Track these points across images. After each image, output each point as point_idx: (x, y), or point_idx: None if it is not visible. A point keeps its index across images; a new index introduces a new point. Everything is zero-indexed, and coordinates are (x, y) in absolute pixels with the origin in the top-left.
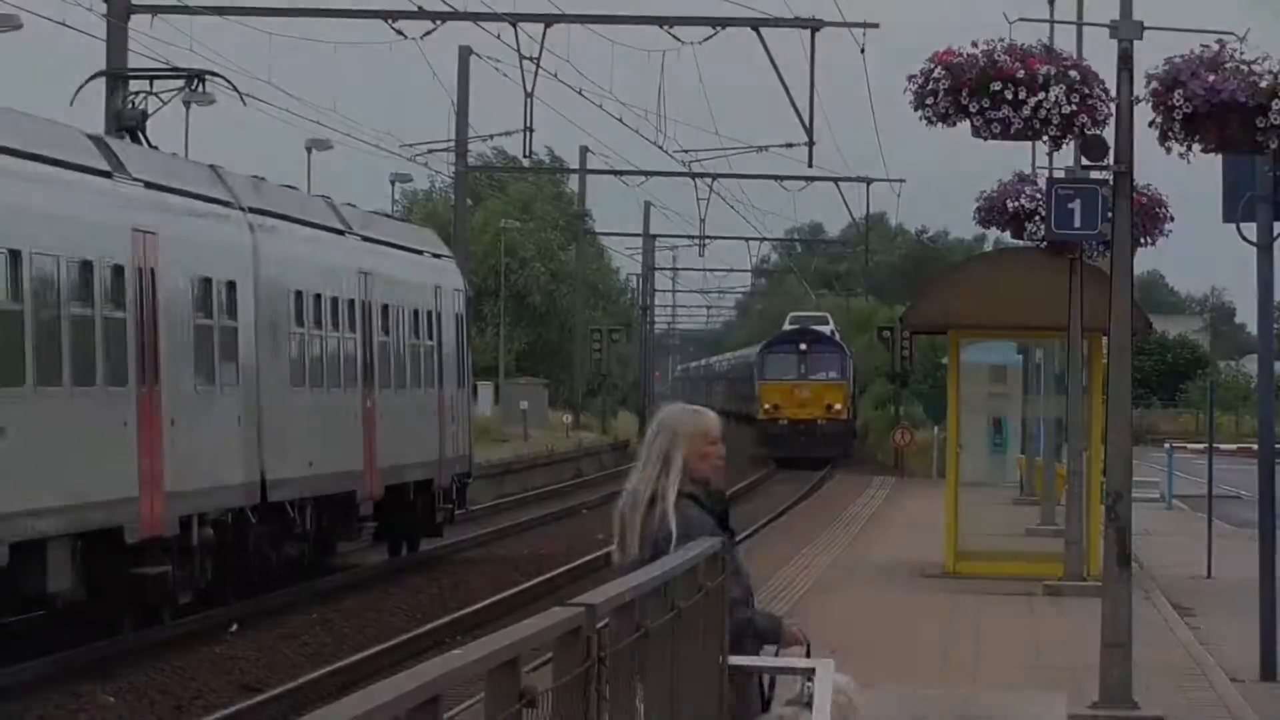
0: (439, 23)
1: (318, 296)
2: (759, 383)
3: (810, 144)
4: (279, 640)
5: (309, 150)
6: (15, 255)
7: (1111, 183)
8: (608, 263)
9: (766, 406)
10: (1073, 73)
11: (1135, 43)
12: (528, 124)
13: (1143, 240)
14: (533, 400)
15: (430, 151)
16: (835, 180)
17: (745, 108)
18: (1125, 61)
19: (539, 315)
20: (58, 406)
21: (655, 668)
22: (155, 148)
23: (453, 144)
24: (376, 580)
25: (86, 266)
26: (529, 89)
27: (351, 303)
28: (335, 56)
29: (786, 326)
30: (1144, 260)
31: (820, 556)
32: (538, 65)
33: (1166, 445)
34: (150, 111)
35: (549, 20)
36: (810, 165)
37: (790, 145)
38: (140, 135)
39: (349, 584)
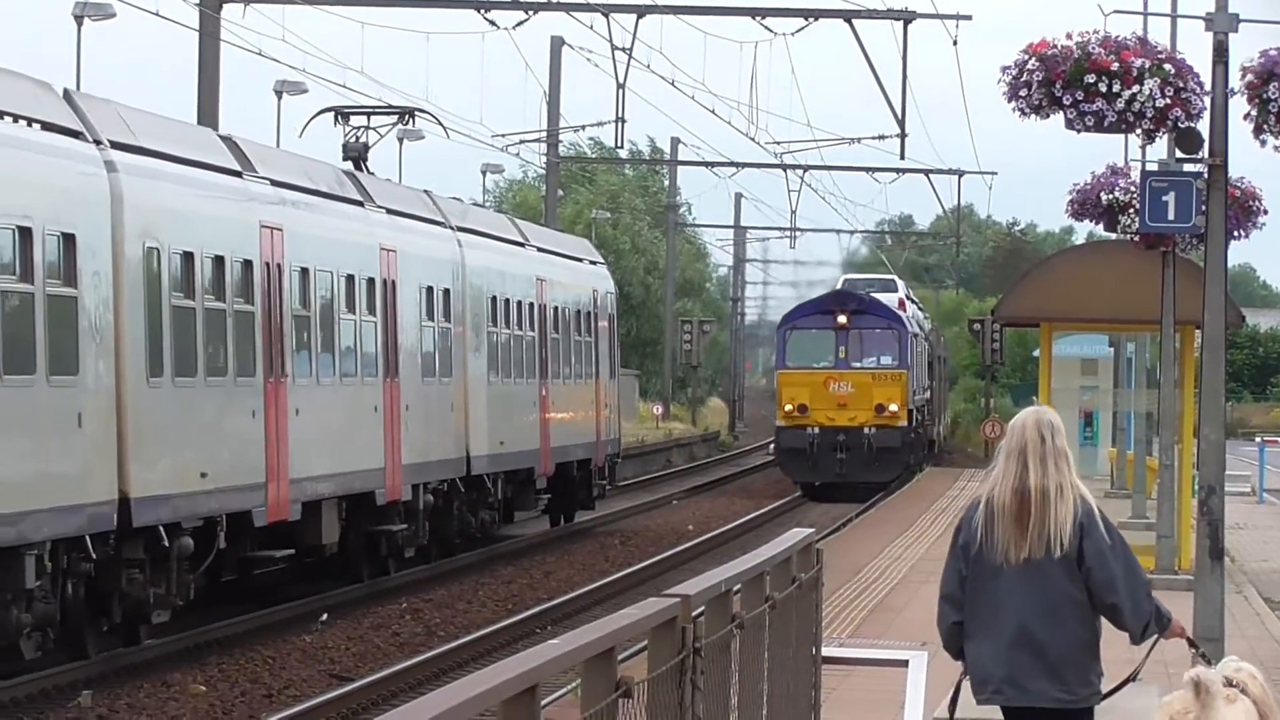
0: (531, 13)
1: (507, 301)
2: (777, 372)
3: (902, 136)
4: (369, 630)
5: (400, 140)
6: (306, 272)
7: (1206, 176)
8: (701, 249)
9: (787, 408)
10: (1167, 65)
11: (1230, 35)
12: (619, 115)
13: (1236, 233)
14: (623, 391)
15: (521, 142)
16: (927, 172)
17: (837, 99)
18: (1220, 54)
19: (631, 307)
20: (330, 396)
21: (749, 658)
22: (373, 174)
23: (544, 134)
24: (468, 571)
25: (351, 280)
26: (621, 80)
27: (530, 305)
28: (427, 46)
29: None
30: (1236, 253)
31: (912, 548)
32: (630, 56)
33: (1258, 439)
34: (370, 144)
35: (641, 11)
36: (902, 157)
37: (882, 137)
38: (363, 164)
39: (440, 574)
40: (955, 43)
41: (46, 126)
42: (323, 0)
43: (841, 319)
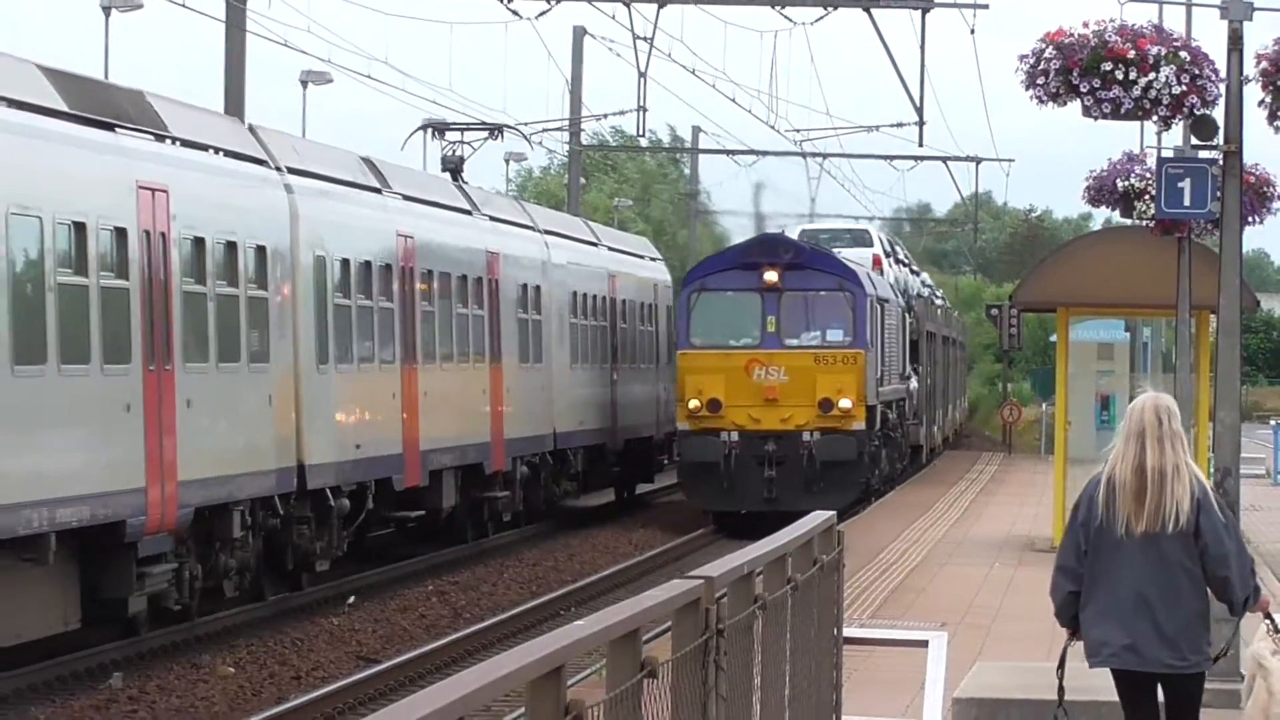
0: (554, 2)
1: (584, 295)
2: (678, 352)
3: (920, 123)
4: (395, 612)
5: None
6: (431, 274)
7: (1221, 162)
8: (722, 236)
9: (691, 404)
10: (1183, 53)
11: (1245, 24)
12: (641, 104)
13: (1250, 219)
14: None
15: (545, 130)
16: (944, 160)
17: (856, 87)
18: (1235, 42)
19: None
20: (451, 379)
21: (772, 639)
22: (467, 183)
23: (567, 123)
24: (495, 553)
25: (464, 279)
26: (642, 69)
27: (604, 299)
28: (450, 36)
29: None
30: (1250, 239)
31: (930, 530)
32: (651, 45)
33: (1272, 422)
34: (465, 156)
35: (662, 1)
36: (920, 145)
37: (900, 125)
38: (459, 175)
39: (466, 556)
40: (973, 31)
41: (241, 157)
42: None
43: (770, 276)
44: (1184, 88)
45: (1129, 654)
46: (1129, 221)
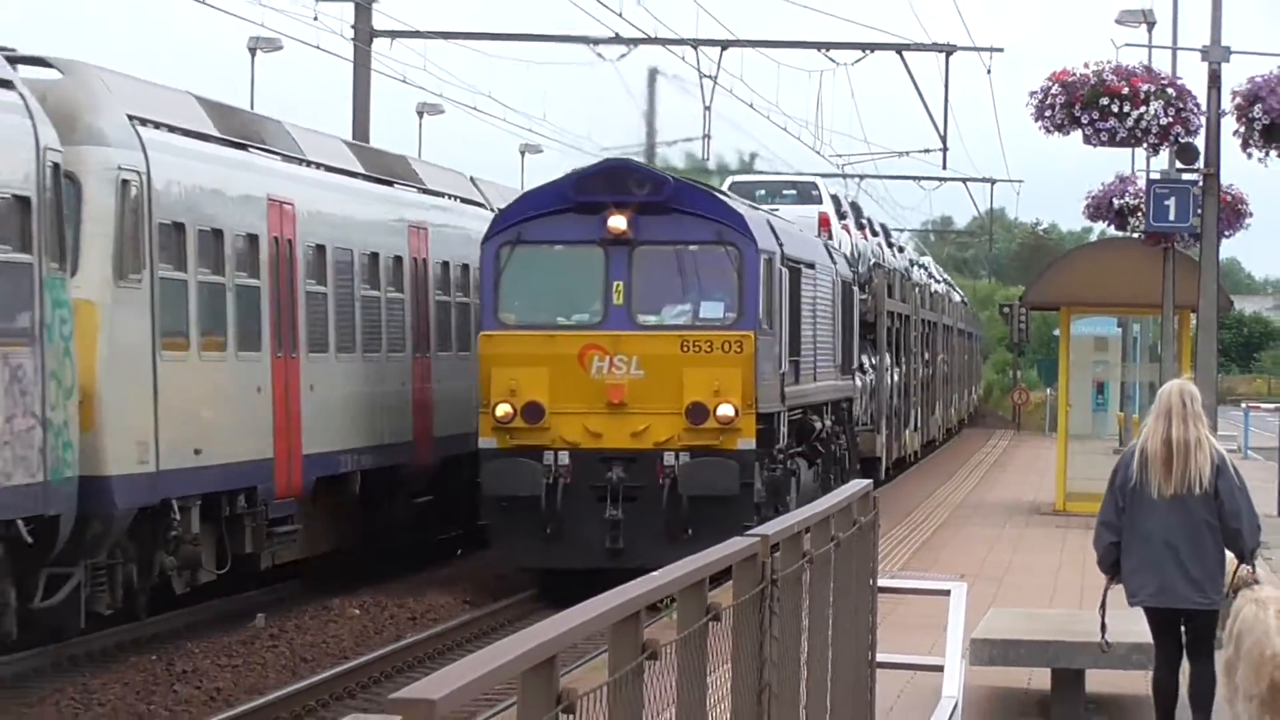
0: (633, 47)
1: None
2: (480, 335)
3: (944, 149)
4: (495, 561)
5: (522, 153)
6: None
7: (1201, 183)
8: None
9: (499, 410)
10: (1169, 90)
11: (1223, 65)
12: (706, 132)
13: (1226, 232)
14: None
15: (624, 155)
16: (964, 180)
17: (889, 118)
18: (1214, 81)
19: None
20: None
21: (818, 588)
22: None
23: (642, 148)
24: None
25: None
26: (707, 103)
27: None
28: (544, 74)
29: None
30: (1225, 248)
31: (952, 495)
32: (715, 82)
33: (1243, 405)
34: None
35: (724, 45)
36: (944, 167)
37: (927, 150)
38: None
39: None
40: (989, 71)
41: (466, 200)
42: (457, 36)
43: (616, 222)
44: (1170, 119)
45: (1163, 594)
46: (1122, 234)
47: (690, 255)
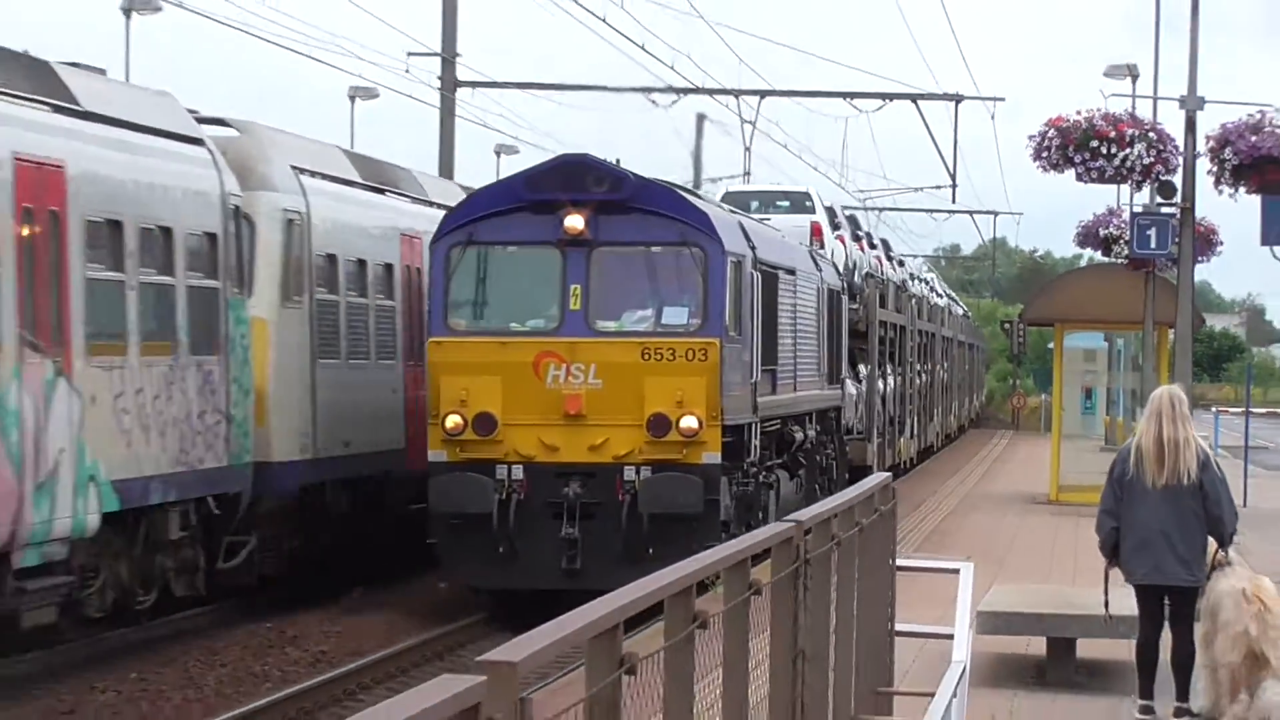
0: (682, 95)
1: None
2: (429, 341)
3: (953, 185)
4: None
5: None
6: None
7: (1178, 216)
8: None
9: (449, 422)
10: (1151, 134)
11: (1198, 112)
12: (746, 170)
13: (1200, 258)
14: None
15: None
16: (970, 212)
17: (905, 157)
18: (1190, 126)
19: None
20: None
21: (844, 567)
22: None
23: (690, 185)
24: None
25: None
26: (747, 144)
27: None
28: (606, 118)
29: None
30: (1197, 272)
31: (959, 487)
32: (754, 127)
33: (1213, 409)
34: None
35: (763, 94)
36: (953, 201)
37: (938, 186)
38: None
39: None
40: (993, 116)
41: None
42: (530, 86)
43: (573, 221)
44: (1152, 160)
45: (1156, 573)
46: (1108, 259)
47: (652, 257)
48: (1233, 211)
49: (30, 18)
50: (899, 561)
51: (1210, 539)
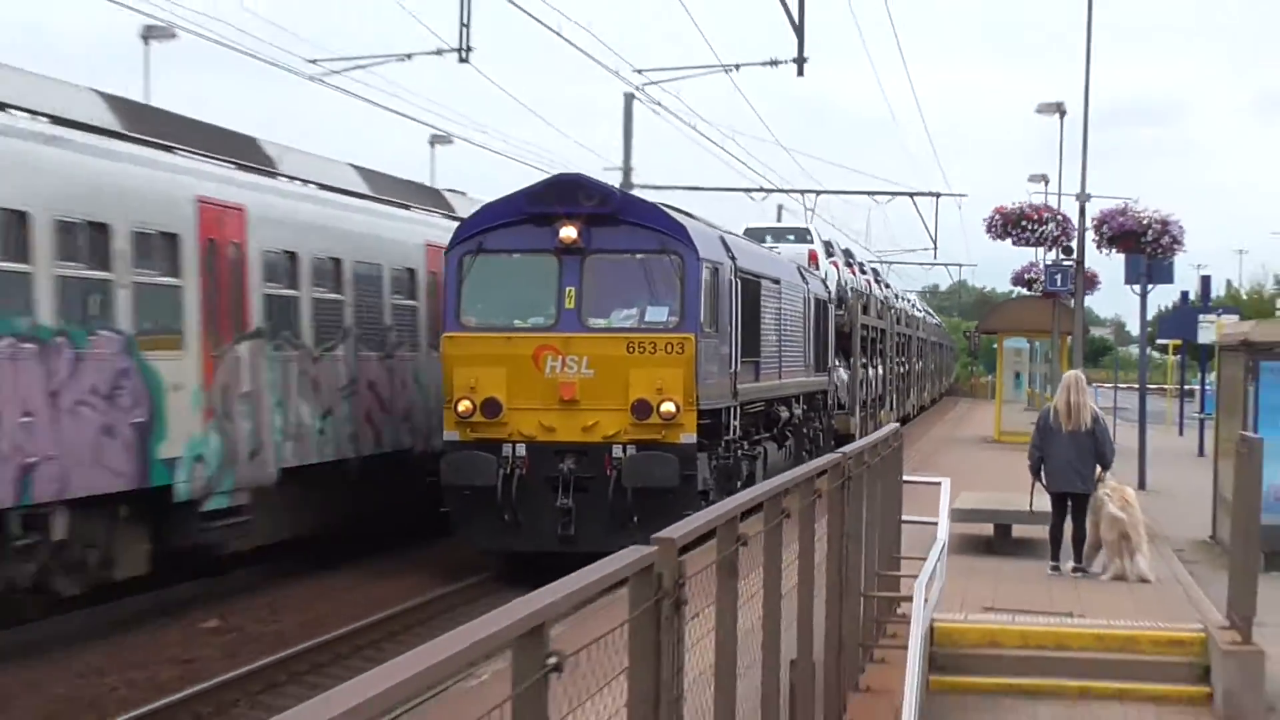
0: (768, 195)
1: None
2: (443, 336)
3: (935, 247)
4: None
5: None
6: None
7: (1074, 267)
8: None
9: (460, 406)
10: (1059, 217)
11: (1087, 203)
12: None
13: (1087, 292)
14: None
15: None
16: (946, 265)
17: (905, 229)
18: (1082, 212)
19: None
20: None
21: (872, 482)
22: None
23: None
24: None
25: None
26: (807, 224)
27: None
28: (721, 209)
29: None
30: (1086, 300)
31: (936, 432)
32: (813, 213)
33: (1093, 385)
34: None
35: (818, 192)
36: (934, 256)
37: (925, 249)
38: None
39: None
40: (960, 207)
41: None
42: (662, 188)
43: (568, 232)
44: (1059, 233)
45: (1064, 484)
46: (1030, 293)
47: (637, 263)
48: (1107, 264)
49: (64, 48)
50: (904, 478)
51: (1098, 465)
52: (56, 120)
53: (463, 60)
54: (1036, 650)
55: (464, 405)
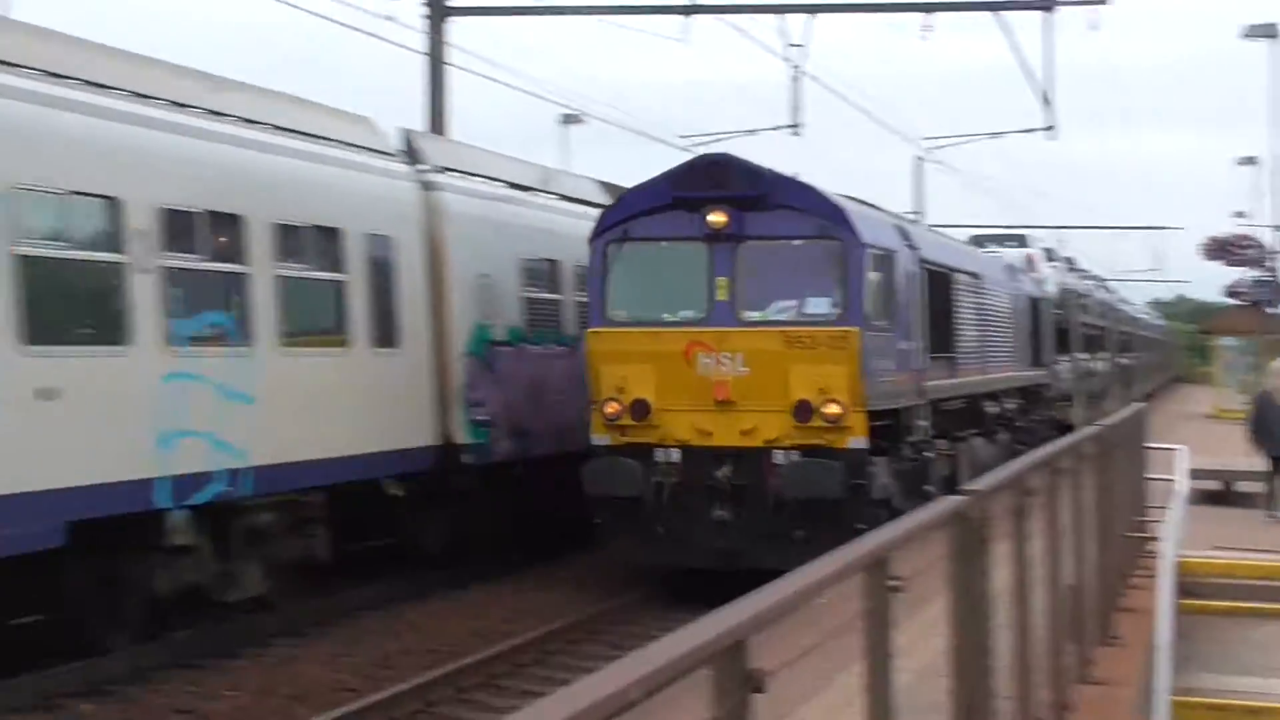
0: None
1: None
2: (587, 332)
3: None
4: None
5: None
6: None
7: (1275, 284)
8: None
9: (608, 408)
10: (1259, 244)
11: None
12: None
13: None
14: None
15: None
16: (1165, 281)
17: (1125, 255)
18: None
19: None
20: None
21: (1122, 449)
22: None
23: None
24: None
25: None
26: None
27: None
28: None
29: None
30: None
31: (1165, 408)
32: (1062, 243)
33: None
34: None
35: (1064, 228)
36: (1160, 278)
37: (1156, 269)
38: None
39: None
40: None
41: None
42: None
43: (716, 217)
44: (1261, 256)
45: (1275, 450)
46: (1239, 303)
47: (793, 250)
48: None
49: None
50: (1147, 445)
51: None
52: (513, 185)
53: (794, 134)
54: (1265, 580)
55: (612, 407)
